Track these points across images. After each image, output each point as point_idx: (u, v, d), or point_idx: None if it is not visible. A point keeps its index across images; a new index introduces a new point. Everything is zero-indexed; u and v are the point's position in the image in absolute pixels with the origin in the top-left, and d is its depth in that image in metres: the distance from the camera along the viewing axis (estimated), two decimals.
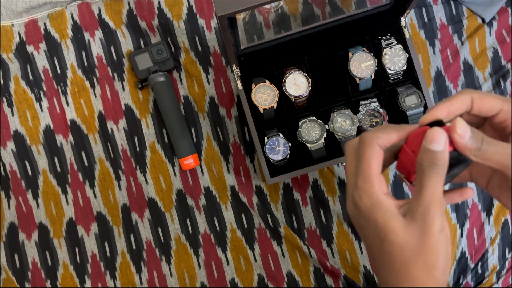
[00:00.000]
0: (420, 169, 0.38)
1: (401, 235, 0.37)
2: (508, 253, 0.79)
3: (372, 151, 0.39)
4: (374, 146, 0.40)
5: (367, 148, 0.40)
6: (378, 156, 0.40)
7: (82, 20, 0.78)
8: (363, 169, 0.40)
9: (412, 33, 0.79)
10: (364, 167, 0.40)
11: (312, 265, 0.78)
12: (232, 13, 0.50)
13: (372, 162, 0.39)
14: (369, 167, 0.39)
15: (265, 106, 0.68)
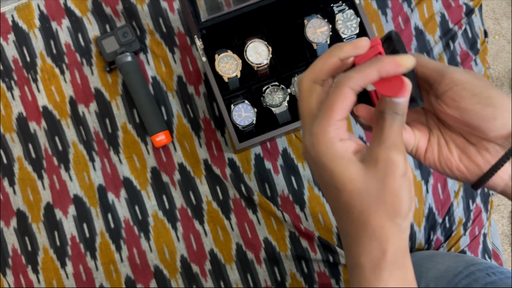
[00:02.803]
0: (381, 117, 0.37)
1: (360, 182, 0.35)
2: (472, 205, 0.83)
3: (340, 92, 0.35)
4: (344, 89, 0.35)
5: (335, 90, 0.35)
6: (346, 99, 0.35)
7: (49, 10, 0.81)
8: (324, 113, 0.35)
9: (364, 4, 0.84)
10: (326, 110, 0.35)
11: (287, 230, 0.80)
12: None
13: (337, 105, 0.35)
14: (331, 110, 0.35)
15: (229, 75, 0.72)
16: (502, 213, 0.93)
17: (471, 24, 0.85)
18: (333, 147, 0.35)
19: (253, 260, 0.80)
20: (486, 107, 0.36)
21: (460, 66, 0.84)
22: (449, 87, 0.38)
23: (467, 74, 0.38)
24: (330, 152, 0.35)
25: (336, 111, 0.35)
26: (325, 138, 0.35)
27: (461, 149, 0.41)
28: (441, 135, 0.42)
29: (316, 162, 0.36)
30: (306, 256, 0.80)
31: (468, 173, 0.41)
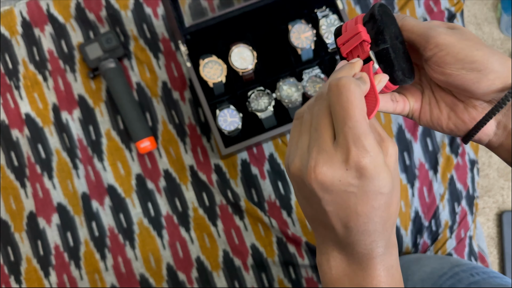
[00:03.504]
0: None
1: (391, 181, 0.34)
2: (457, 207, 0.84)
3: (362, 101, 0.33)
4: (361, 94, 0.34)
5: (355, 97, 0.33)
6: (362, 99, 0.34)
7: (31, 16, 0.80)
8: (353, 118, 0.32)
9: (348, 10, 0.84)
10: (353, 116, 0.32)
11: (274, 236, 0.80)
12: None
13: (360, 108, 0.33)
14: (365, 119, 0.33)
15: (214, 80, 0.72)
16: (487, 216, 0.94)
17: None
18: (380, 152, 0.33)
19: (240, 267, 0.79)
20: (470, 71, 0.37)
21: None
22: (433, 52, 0.38)
23: (452, 36, 0.37)
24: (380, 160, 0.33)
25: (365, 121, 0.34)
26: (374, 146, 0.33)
27: (450, 107, 0.42)
28: (432, 94, 0.43)
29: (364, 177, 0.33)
30: (293, 262, 0.79)
31: (456, 130, 0.42)
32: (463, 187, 0.84)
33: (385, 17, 0.39)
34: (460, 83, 0.38)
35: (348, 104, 0.33)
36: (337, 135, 0.34)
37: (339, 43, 0.41)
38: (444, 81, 0.39)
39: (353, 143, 0.32)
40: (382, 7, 0.39)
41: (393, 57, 0.38)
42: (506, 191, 0.92)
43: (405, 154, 0.83)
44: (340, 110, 0.33)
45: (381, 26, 0.38)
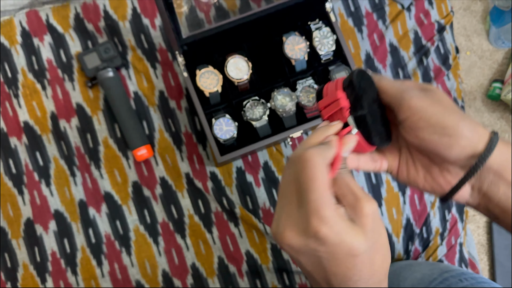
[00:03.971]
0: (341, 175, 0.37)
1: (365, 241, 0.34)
2: (448, 215, 0.86)
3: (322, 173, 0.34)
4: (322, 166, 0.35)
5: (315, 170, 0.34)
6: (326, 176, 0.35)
7: (31, 26, 0.82)
8: (315, 192, 0.34)
9: (341, 22, 0.87)
10: (315, 189, 0.34)
11: (269, 242, 0.81)
12: None
13: (326, 185, 0.34)
14: (325, 192, 0.34)
15: (210, 90, 0.73)
16: (478, 223, 0.96)
17: (443, 41, 0.88)
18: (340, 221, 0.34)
19: (235, 274, 0.80)
20: (442, 137, 0.37)
21: (433, 81, 0.87)
22: (406, 115, 0.39)
23: (424, 100, 0.38)
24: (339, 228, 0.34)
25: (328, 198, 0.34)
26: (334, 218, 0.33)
27: (426, 169, 0.43)
28: (409, 154, 0.44)
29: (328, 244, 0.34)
30: (287, 268, 0.80)
31: (433, 191, 0.43)
32: None
33: (363, 82, 0.41)
34: (432, 148, 0.39)
35: (310, 178, 0.34)
36: (301, 203, 0.35)
37: (321, 106, 0.43)
38: (417, 144, 0.40)
39: (312, 214, 0.33)
40: (360, 73, 0.41)
41: (370, 122, 0.40)
42: None
43: None
44: (303, 183, 0.34)
45: (360, 93, 0.40)
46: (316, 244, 0.34)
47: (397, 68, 0.87)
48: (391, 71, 0.86)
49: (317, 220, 0.33)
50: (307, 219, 0.34)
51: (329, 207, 0.34)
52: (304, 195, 0.34)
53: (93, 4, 0.82)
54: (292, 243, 0.35)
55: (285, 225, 0.35)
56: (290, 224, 0.35)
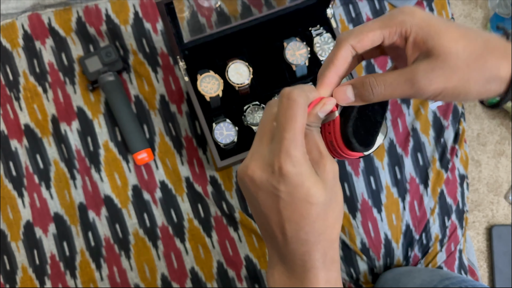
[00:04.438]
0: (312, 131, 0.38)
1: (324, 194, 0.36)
2: (448, 221, 0.86)
3: (302, 112, 0.35)
4: (301, 103, 0.36)
5: (296, 107, 0.35)
6: (304, 117, 0.36)
7: (33, 29, 0.82)
8: (291, 131, 0.35)
9: (342, 28, 0.87)
10: (295, 134, 0.35)
11: None
12: None
13: (301, 127, 0.36)
14: (299, 133, 0.35)
15: (211, 94, 0.73)
16: (477, 230, 0.96)
17: None
18: (305, 166, 0.35)
19: (234, 278, 0.80)
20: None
21: None
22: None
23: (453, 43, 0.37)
24: (304, 171, 0.35)
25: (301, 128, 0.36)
26: (301, 158, 0.35)
27: None
28: None
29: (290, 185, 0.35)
30: None
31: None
32: (453, 202, 0.86)
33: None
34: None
35: (291, 117, 0.35)
36: (273, 140, 0.36)
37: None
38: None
39: (282, 150, 0.35)
40: None
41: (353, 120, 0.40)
42: (496, 206, 0.94)
43: (396, 168, 0.84)
44: (284, 121, 0.35)
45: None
46: (277, 181, 0.35)
47: None
48: None
49: (284, 157, 0.35)
50: (276, 155, 0.35)
51: (299, 149, 0.35)
52: (279, 133, 0.35)
53: (95, 8, 0.82)
54: (254, 176, 0.36)
55: (252, 159, 0.37)
56: (257, 158, 0.37)
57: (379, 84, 0.38)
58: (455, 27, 0.37)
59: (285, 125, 0.35)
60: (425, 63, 0.37)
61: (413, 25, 0.37)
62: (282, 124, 0.35)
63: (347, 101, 0.40)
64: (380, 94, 0.39)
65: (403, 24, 0.38)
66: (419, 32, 0.37)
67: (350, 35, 0.39)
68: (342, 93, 0.39)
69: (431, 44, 0.37)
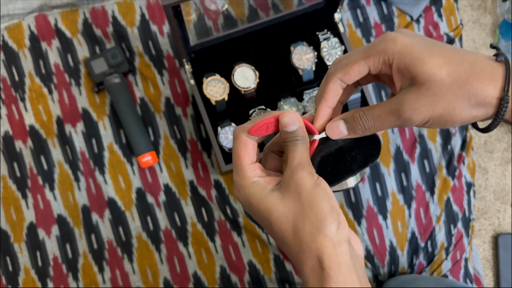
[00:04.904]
0: (285, 147, 0.39)
1: (282, 207, 0.37)
2: (453, 229, 0.85)
3: (240, 143, 0.39)
4: (241, 138, 0.39)
5: (235, 141, 0.39)
6: (246, 146, 0.39)
7: (39, 30, 0.82)
8: (235, 162, 0.39)
9: (349, 33, 0.86)
10: (235, 161, 0.39)
11: (272, 253, 0.80)
12: (176, 2, 0.55)
13: (242, 153, 0.39)
14: (239, 159, 0.39)
15: (217, 98, 0.73)
16: (483, 238, 0.95)
17: None
18: (252, 186, 0.38)
19: (237, 283, 0.79)
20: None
21: None
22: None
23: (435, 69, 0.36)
24: (251, 191, 0.38)
25: (243, 158, 0.39)
26: (244, 182, 0.38)
27: None
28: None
29: (245, 204, 0.39)
30: (290, 279, 0.80)
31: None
32: (459, 209, 0.85)
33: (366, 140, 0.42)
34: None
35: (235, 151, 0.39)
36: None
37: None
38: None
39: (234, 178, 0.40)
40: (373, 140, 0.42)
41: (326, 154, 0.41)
42: (502, 214, 0.93)
43: (402, 175, 0.84)
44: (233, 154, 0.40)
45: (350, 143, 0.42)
46: (239, 195, 0.39)
47: None
48: None
49: (235, 175, 0.39)
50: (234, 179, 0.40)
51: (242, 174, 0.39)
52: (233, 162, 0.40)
53: (101, 9, 0.82)
54: (236, 196, 0.40)
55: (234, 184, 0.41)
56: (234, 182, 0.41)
57: (369, 118, 0.39)
58: (439, 52, 0.36)
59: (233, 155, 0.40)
60: (410, 92, 0.37)
61: (395, 52, 0.37)
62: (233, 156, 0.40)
63: (341, 135, 0.41)
64: (371, 127, 0.39)
65: (385, 52, 0.37)
66: (402, 59, 0.36)
67: (336, 70, 0.40)
68: (335, 128, 0.40)
69: (414, 72, 0.36)
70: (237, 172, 0.39)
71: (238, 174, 0.39)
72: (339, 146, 0.41)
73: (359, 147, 0.42)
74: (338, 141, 0.41)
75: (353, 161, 0.41)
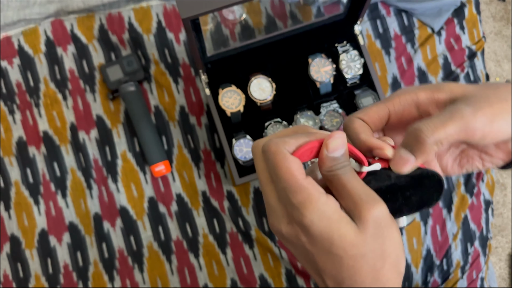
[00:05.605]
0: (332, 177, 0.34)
1: (362, 246, 0.32)
2: (470, 248, 0.83)
3: (284, 157, 0.33)
4: (283, 152, 0.33)
5: (277, 157, 0.33)
6: (295, 160, 0.33)
7: (55, 35, 0.81)
8: (288, 182, 0.32)
9: (368, 43, 0.84)
10: (288, 180, 0.32)
11: (283, 267, 0.79)
12: (195, 16, 0.54)
13: (294, 170, 0.33)
14: (293, 177, 0.32)
15: (232, 110, 0.72)
16: (500, 256, 0.92)
17: (473, 67, 0.86)
18: (325, 204, 0.32)
19: None
20: None
21: None
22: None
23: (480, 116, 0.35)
24: (322, 216, 0.32)
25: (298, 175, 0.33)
26: (311, 202, 0.32)
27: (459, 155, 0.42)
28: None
29: (306, 229, 0.33)
30: None
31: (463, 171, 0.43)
32: (476, 228, 0.83)
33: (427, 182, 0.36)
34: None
35: (275, 168, 0.33)
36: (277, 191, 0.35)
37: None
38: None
39: (286, 201, 0.33)
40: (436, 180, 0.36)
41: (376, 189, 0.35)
42: None
43: None
44: (272, 173, 0.34)
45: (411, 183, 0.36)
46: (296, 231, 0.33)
47: None
48: None
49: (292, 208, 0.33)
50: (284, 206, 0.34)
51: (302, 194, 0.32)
52: (276, 184, 0.34)
53: (118, 15, 0.81)
54: (277, 230, 0.35)
55: (269, 215, 0.36)
56: (270, 212, 0.35)
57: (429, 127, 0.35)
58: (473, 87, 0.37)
59: (274, 177, 0.34)
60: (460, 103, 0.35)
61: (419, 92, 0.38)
62: (272, 175, 0.34)
63: (410, 165, 0.36)
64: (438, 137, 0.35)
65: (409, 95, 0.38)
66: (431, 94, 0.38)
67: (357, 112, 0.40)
68: (400, 160, 0.36)
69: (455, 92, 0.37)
70: (296, 192, 0.32)
71: (299, 194, 0.32)
72: (391, 182, 0.35)
73: (416, 187, 0.36)
74: (392, 175, 0.36)
75: (405, 203, 0.35)
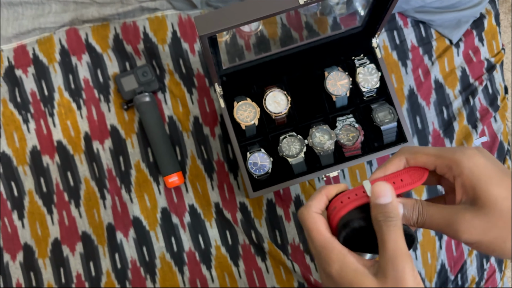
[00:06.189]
0: (378, 225, 0.39)
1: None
2: (486, 264, 0.81)
3: (313, 220, 0.41)
4: (312, 215, 0.41)
5: (307, 221, 0.41)
6: (321, 221, 0.41)
7: (70, 44, 0.81)
8: (316, 240, 0.40)
9: (385, 55, 0.83)
10: (316, 239, 0.40)
11: (296, 281, 0.79)
12: (212, 33, 0.53)
13: (321, 228, 0.40)
14: (320, 235, 0.40)
15: (247, 123, 0.71)
16: None
17: (492, 80, 0.84)
18: (345, 262, 0.38)
19: None
20: None
21: (479, 122, 0.82)
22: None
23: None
24: (345, 268, 0.38)
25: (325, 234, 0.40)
26: (335, 256, 0.39)
27: None
28: None
29: (335, 280, 0.39)
30: None
31: None
32: None
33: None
34: None
35: (306, 230, 0.41)
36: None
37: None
38: None
39: (317, 256, 0.40)
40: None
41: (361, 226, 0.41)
42: None
43: None
44: (305, 232, 0.42)
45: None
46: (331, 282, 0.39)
47: (442, 106, 0.83)
48: (435, 109, 0.83)
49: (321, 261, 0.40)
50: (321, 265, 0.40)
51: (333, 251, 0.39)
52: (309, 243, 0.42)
53: (133, 25, 0.81)
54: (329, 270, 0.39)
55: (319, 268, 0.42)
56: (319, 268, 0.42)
57: (424, 213, 0.40)
58: (508, 184, 0.37)
59: (307, 236, 0.42)
60: (468, 210, 0.38)
61: (465, 167, 0.38)
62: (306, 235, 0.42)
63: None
64: (421, 223, 0.41)
65: (457, 163, 0.39)
66: (470, 178, 0.38)
67: (408, 149, 0.43)
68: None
69: (478, 194, 0.38)
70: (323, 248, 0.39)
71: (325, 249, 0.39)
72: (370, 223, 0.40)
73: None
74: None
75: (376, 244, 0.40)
